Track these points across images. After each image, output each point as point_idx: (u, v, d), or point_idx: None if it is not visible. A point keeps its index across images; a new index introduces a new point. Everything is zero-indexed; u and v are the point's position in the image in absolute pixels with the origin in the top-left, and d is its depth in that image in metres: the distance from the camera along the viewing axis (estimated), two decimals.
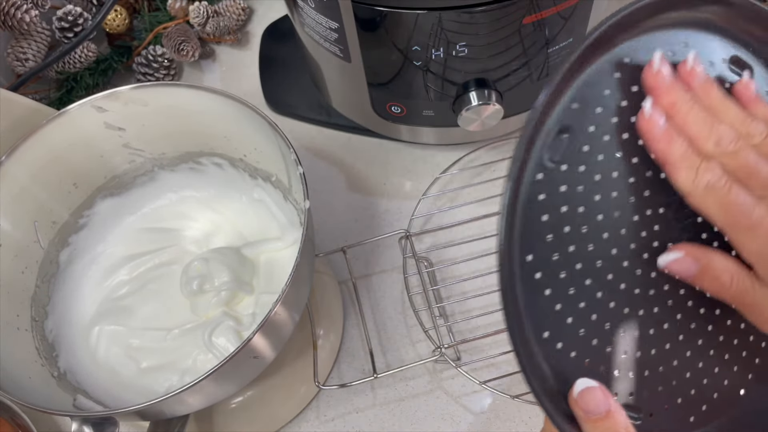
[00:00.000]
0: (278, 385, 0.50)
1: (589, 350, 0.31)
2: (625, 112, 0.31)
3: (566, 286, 0.31)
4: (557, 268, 0.31)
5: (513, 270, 0.30)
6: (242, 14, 0.70)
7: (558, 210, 0.31)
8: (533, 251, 0.30)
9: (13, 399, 0.36)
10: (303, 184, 0.40)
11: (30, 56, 0.61)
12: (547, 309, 0.31)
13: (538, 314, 0.31)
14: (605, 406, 0.29)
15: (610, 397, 0.29)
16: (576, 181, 0.31)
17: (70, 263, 0.51)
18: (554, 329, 0.31)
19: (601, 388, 0.30)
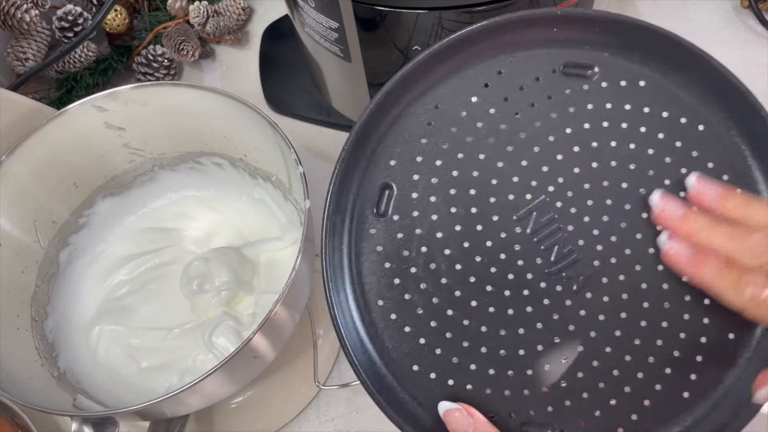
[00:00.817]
0: (278, 385, 0.50)
1: (468, 376, 0.33)
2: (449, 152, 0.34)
3: (427, 320, 0.33)
4: (412, 306, 0.33)
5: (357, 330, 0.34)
6: (242, 14, 0.70)
7: (400, 255, 0.34)
8: (383, 297, 0.34)
9: (13, 399, 0.36)
10: (303, 183, 0.40)
11: (30, 56, 0.61)
12: (413, 344, 0.33)
13: (404, 352, 0.33)
14: (469, 426, 0.31)
15: (474, 415, 0.31)
16: (411, 226, 0.34)
17: (70, 263, 0.51)
18: (424, 364, 0.33)
19: (462, 408, 0.31)
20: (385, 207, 0.34)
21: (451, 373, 0.33)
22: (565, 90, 0.33)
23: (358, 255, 0.34)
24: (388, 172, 0.34)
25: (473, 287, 0.33)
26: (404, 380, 0.33)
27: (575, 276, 0.33)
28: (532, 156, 0.34)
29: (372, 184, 0.34)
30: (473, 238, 0.33)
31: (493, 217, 0.34)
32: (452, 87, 0.34)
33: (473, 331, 0.33)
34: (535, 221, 0.33)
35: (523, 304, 0.33)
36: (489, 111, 0.34)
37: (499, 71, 0.34)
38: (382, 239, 0.34)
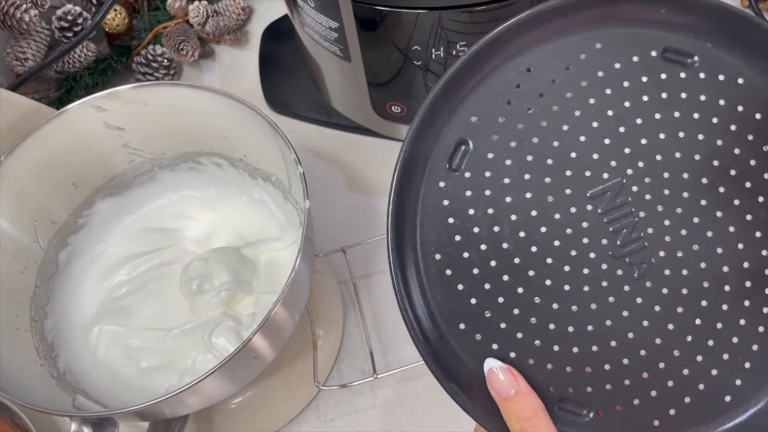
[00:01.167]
0: (278, 385, 0.50)
1: (514, 343, 0.33)
2: (534, 118, 0.33)
3: (480, 281, 0.33)
4: (469, 265, 0.33)
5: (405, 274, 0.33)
6: (242, 14, 0.70)
7: (465, 212, 0.33)
8: (441, 251, 0.33)
9: (12, 399, 0.36)
10: (303, 183, 0.40)
11: (29, 56, 0.61)
12: (464, 303, 0.33)
13: (453, 308, 0.33)
14: (512, 387, 0.31)
15: (518, 379, 0.31)
16: (481, 186, 0.33)
17: (69, 263, 0.51)
18: (471, 322, 0.33)
19: (509, 369, 0.32)
20: (459, 162, 0.34)
21: (497, 338, 0.33)
22: (661, 75, 0.32)
23: (424, 205, 0.34)
24: (467, 128, 0.33)
25: (533, 257, 0.33)
26: (449, 335, 0.33)
27: (638, 263, 0.32)
28: (616, 135, 0.33)
29: (450, 136, 0.34)
30: (542, 207, 0.33)
31: (566, 191, 0.33)
32: (548, 52, 0.33)
33: (526, 301, 0.33)
34: (608, 202, 0.33)
35: (581, 282, 0.33)
36: (581, 83, 0.33)
37: (597, 45, 0.33)
38: (450, 194, 0.33)
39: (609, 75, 0.33)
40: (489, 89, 0.34)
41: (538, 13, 0.32)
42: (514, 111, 0.33)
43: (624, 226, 0.32)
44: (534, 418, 0.30)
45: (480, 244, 0.33)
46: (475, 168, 0.33)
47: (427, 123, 0.33)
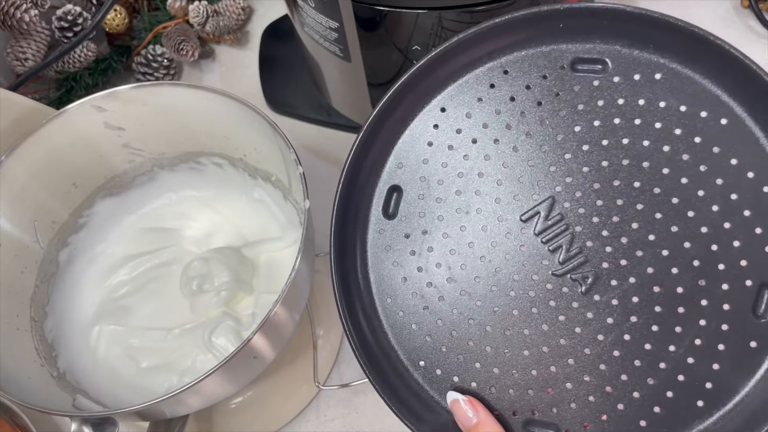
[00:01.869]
0: (278, 385, 0.50)
1: (473, 374, 0.33)
2: (455, 154, 0.34)
3: (432, 318, 0.34)
4: (418, 304, 0.34)
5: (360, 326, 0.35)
6: (242, 14, 0.70)
7: (406, 254, 0.35)
8: (390, 295, 0.35)
9: (12, 399, 0.36)
10: (303, 183, 0.40)
11: (29, 56, 0.61)
12: (420, 341, 0.34)
13: (411, 347, 0.34)
14: (472, 418, 0.32)
15: (479, 409, 0.32)
16: (417, 227, 0.35)
17: (69, 263, 0.51)
18: (430, 360, 0.34)
19: (469, 400, 0.32)
20: (394, 208, 0.35)
21: (456, 371, 0.34)
22: (574, 87, 0.33)
23: (370, 253, 0.36)
24: (396, 175, 0.35)
25: (478, 287, 0.33)
26: (412, 373, 0.34)
27: (582, 278, 0.32)
28: (538, 156, 0.33)
29: (381, 186, 0.36)
30: (478, 238, 0.34)
31: (497, 218, 0.34)
32: (457, 89, 0.35)
33: (478, 331, 0.33)
34: (542, 222, 0.33)
35: (528, 306, 0.33)
36: (495, 111, 0.34)
37: (504, 71, 0.34)
38: (390, 240, 0.35)
39: (521, 98, 0.34)
40: (411, 134, 0.35)
41: (436, 57, 0.34)
42: (436, 151, 0.35)
43: (561, 243, 0.33)
44: None
45: (425, 282, 0.34)
46: (409, 212, 0.35)
47: (353, 179, 0.35)
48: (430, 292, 0.34)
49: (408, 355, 0.34)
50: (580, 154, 0.33)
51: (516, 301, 0.33)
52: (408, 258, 0.35)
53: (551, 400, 0.32)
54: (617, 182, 0.32)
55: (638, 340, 0.31)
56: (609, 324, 0.32)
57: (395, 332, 0.35)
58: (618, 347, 0.31)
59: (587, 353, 0.32)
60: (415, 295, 0.34)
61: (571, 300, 0.32)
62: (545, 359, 0.32)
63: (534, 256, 0.33)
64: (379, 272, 0.35)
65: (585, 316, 0.32)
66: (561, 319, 0.32)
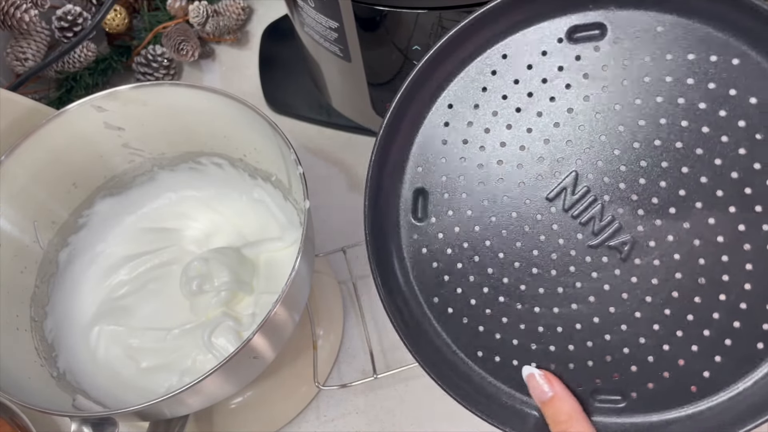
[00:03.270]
0: (278, 385, 0.50)
1: (531, 355, 0.34)
2: (470, 147, 0.35)
3: (481, 309, 0.35)
4: (465, 299, 0.35)
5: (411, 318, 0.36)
6: (242, 14, 0.70)
7: (444, 253, 0.36)
8: (436, 294, 0.36)
9: (12, 399, 0.36)
10: (303, 184, 0.40)
11: (29, 56, 0.61)
12: (473, 333, 0.35)
13: (466, 340, 0.35)
14: (549, 392, 0.33)
15: (554, 383, 0.33)
16: (449, 226, 0.35)
17: (69, 263, 0.51)
18: (487, 349, 0.35)
19: (545, 374, 0.33)
20: (422, 211, 0.36)
21: (514, 354, 0.34)
22: (576, 57, 0.32)
23: (408, 260, 0.36)
24: (418, 178, 0.36)
25: (519, 272, 0.34)
26: (474, 366, 0.35)
27: (619, 245, 0.32)
28: (553, 133, 0.33)
29: (406, 192, 0.36)
30: (510, 225, 0.34)
31: (525, 201, 0.34)
32: (460, 83, 0.35)
33: (528, 313, 0.34)
34: (568, 197, 0.33)
35: (572, 281, 0.33)
36: (501, 98, 0.34)
37: (503, 55, 0.34)
38: (425, 242, 0.36)
39: (526, 79, 0.34)
40: (423, 138, 0.36)
41: (434, 55, 0.34)
42: (451, 148, 0.35)
43: (592, 215, 0.33)
44: (569, 421, 0.32)
45: (468, 276, 0.35)
46: (438, 211, 0.36)
47: (377, 194, 0.36)
48: (473, 285, 0.35)
49: (464, 348, 0.35)
50: (594, 123, 0.32)
51: (558, 279, 0.33)
52: (446, 256, 0.35)
53: (611, 368, 0.32)
54: (637, 144, 0.32)
55: (687, 295, 0.31)
56: (654, 285, 0.32)
57: (447, 329, 0.36)
58: (668, 306, 0.31)
59: (638, 317, 0.32)
60: (460, 291, 0.35)
61: (613, 268, 0.32)
62: (598, 329, 0.32)
63: (567, 231, 0.33)
64: (423, 274, 0.36)
65: (629, 282, 0.32)
66: (606, 288, 0.32)
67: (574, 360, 0.33)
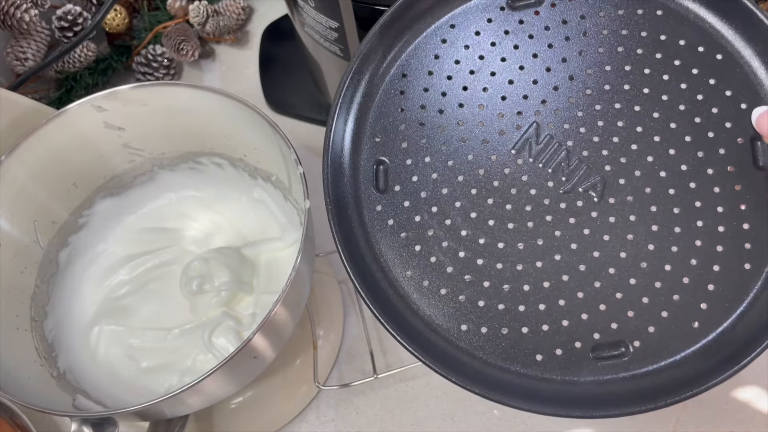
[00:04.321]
0: (278, 385, 0.50)
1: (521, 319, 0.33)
2: (429, 112, 0.35)
3: (459, 276, 0.33)
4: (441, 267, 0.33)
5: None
6: (242, 14, 0.70)
7: (412, 221, 0.34)
8: (408, 267, 0.34)
9: (12, 399, 0.36)
10: (303, 183, 0.40)
11: (29, 56, 0.61)
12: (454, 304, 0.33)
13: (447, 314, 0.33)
14: None
15: None
16: (415, 192, 0.35)
17: (69, 263, 0.50)
18: (472, 320, 0.33)
19: None
20: (383, 182, 0.35)
21: (503, 322, 0.32)
22: (519, 21, 0.35)
23: (371, 235, 0.35)
24: (377, 149, 0.35)
25: (495, 230, 0.33)
26: (458, 342, 0.33)
27: (592, 186, 0.33)
28: (508, 90, 0.35)
29: (365, 163, 0.35)
30: (478, 183, 0.34)
31: (491, 157, 0.34)
32: (412, 54, 0.36)
33: (510, 273, 0.33)
34: (533, 148, 0.34)
35: (550, 230, 0.33)
36: (453, 62, 0.35)
37: (451, 25, 0.36)
38: (391, 212, 0.34)
39: (474, 44, 0.35)
40: (379, 108, 0.36)
41: (384, 26, 0.35)
42: (409, 115, 0.35)
43: (560, 161, 0.33)
44: None
45: (441, 243, 0.34)
46: (401, 179, 0.35)
47: (337, 167, 0.35)
48: (448, 251, 0.34)
49: (447, 324, 0.33)
50: (546, 78, 0.34)
51: (537, 230, 0.33)
52: (414, 224, 0.34)
53: (608, 317, 0.32)
54: (589, 91, 0.34)
55: (667, 227, 0.32)
56: (633, 221, 0.32)
57: (427, 302, 0.33)
58: (650, 241, 0.32)
59: (624, 257, 0.32)
60: (434, 260, 0.34)
61: (589, 210, 0.33)
62: (586, 277, 0.32)
63: (538, 181, 0.33)
64: (389, 248, 0.34)
65: (608, 222, 0.32)
66: (586, 232, 0.32)
67: (567, 316, 0.32)
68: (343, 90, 0.35)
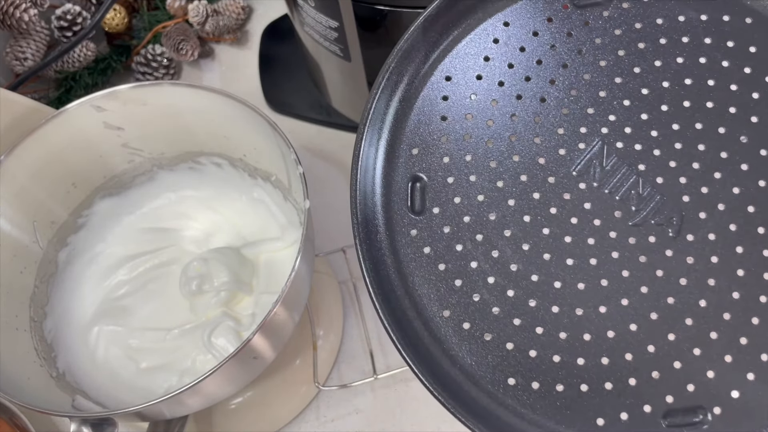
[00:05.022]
0: (278, 385, 0.50)
1: (581, 375, 0.28)
2: (476, 123, 0.30)
3: (507, 319, 0.28)
4: (485, 308, 0.29)
5: None
6: (242, 13, 0.70)
7: (453, 251, 0.29)
8: (446, 306, 0.29)
9: (11, 399, 0.36)
10: (303, 183, 0.40)
11: (29, 55, 0.61)
12: (500, 353, 0.28)
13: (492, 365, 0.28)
14: None
15: None
16: (457, 216, 0.29)
17: (69, 263, 0.50)
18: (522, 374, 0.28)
19: None
20: (420, 202, 0.30)
21: (558, 376, 0.27)
22: (585, 22, 0.30)
23: (404, 265, 0.29)
24: (413, 163, 0.30)
25: (551, 266, 0.28)
26: (504, 399, 0.27)
27: (667, 220, 0.28)
28: (571, 101, 0.29)
29: (399, 180, 0.30)
30: (533, 209, 0.29)
31: (548, 179, 0.29)
32: (458, 54, 0.31)
33: (568, 318, 0.28)
34: (598, 171, 0.29)
35: (617, 270, 0.28)
36: (507, 66, 0.30)
37: (505, 23, 0.30)
38: (427, 239, 0.29)
39: (533, 47, 0.30)
40: (418, 115, 0.31)
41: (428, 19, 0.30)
42: (452, 125, 0.30)
43: (629, 188, 0.28)
44: None
45: (486, 278, 0.28)
46: (441, 200, 0.30)
47: (367, 180, 0.31)
48: (494, 288, 0.29)
49: (491, 376, 0.28)
50: (615, 89, 0.29)
51: (600, 268, 0.28)
52: (454, 254, 0.29)
53: (684, 377, 0.27)
54: (665, 107, 0.28)
55: (755, 273, 0.27)
56: (715, 264, 0.27)
57: (468, 348, 0.28)
58: (735, 287, 0.27)
59: (703, 306, 0.27)
60: (477, 298, 0.29)
61: (663, 248, 0.28)
62: (659, 328, 0.27)
63: (603, 210, 0.28)
64: (425, 282, 0.29)
65: (685, 263, 0.27)
66: (659, 274, 0.27)
67: (634, 373, 0.27)
68: (377, 94, 0.30)
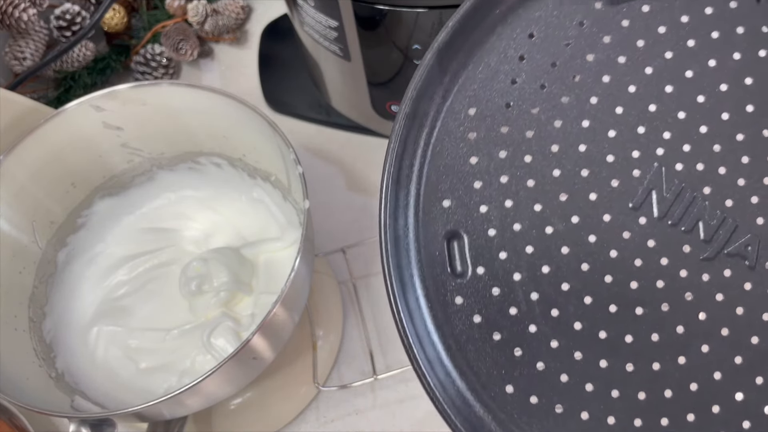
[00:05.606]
0: (277, 386, 0.50)
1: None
2: (512, 161, 0.26)
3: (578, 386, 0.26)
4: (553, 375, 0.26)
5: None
6: (241, 13, 0.70)
7: (506, 315, 0.26)
8: (510, 380, 0.26)
9: (10, 400, 0.36)
10: (302, 183, 0.40)
11: (28, 55, 0.61)
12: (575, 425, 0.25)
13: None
14: None
15: None
16: (505, 274, 0.26)
17: (68, 263, 0.50)
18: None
19: None
20: (461, 262, 0.26)
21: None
22: (622, 22, 0.25)
23: (454, 340, 0.26)
24: (447, 218, 0.26)
25: (619, 319, 0.25)
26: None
27: (742, 249, 0.25)
28: (617, 121, 0.25)
29: (433, 241, 0.26)
30: (590, 255, 0.25)
31: (603, 218, 0.26)
32: (481, 79, 0.26)
33: (644, 376, 0.25)
34: (658, 201, 0.25)
35: (692, 313, 0.25)
36: (538, 87, 0.26)
37: (530, 35, 0.26)
38: (475, 306, 0.26)
39: (565, 59, 0.26)
40: (443, 158, 0.26)
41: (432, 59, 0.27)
42: (485, 166, 0.26)
43: (696, 216, 0.25)
44: None
45: (549, 342, 0.25)
46: (484, 257, 0.26)
47: (397, 247, 0.26)
48: (559, 353, 0.25)
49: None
50: (666, 100, 0.25)
51: (674, 314, 0.25)
52: (508, 319, 0.26)
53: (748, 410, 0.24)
54: (726, 115, 0.25)
55: None
56: None
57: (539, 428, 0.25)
58: None
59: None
60: (542, 366, 0.26)
61: (741, 281, 0.25)
62: (745, 373, 0.24)
63: (670, 246, 0.25)
64: (480, 357, 0.26)
65: (767, 296, 0.25)
66: (739, 312, 0.25)
67: (723, 427, 0.24)
68: (397, 141, 0.26)
